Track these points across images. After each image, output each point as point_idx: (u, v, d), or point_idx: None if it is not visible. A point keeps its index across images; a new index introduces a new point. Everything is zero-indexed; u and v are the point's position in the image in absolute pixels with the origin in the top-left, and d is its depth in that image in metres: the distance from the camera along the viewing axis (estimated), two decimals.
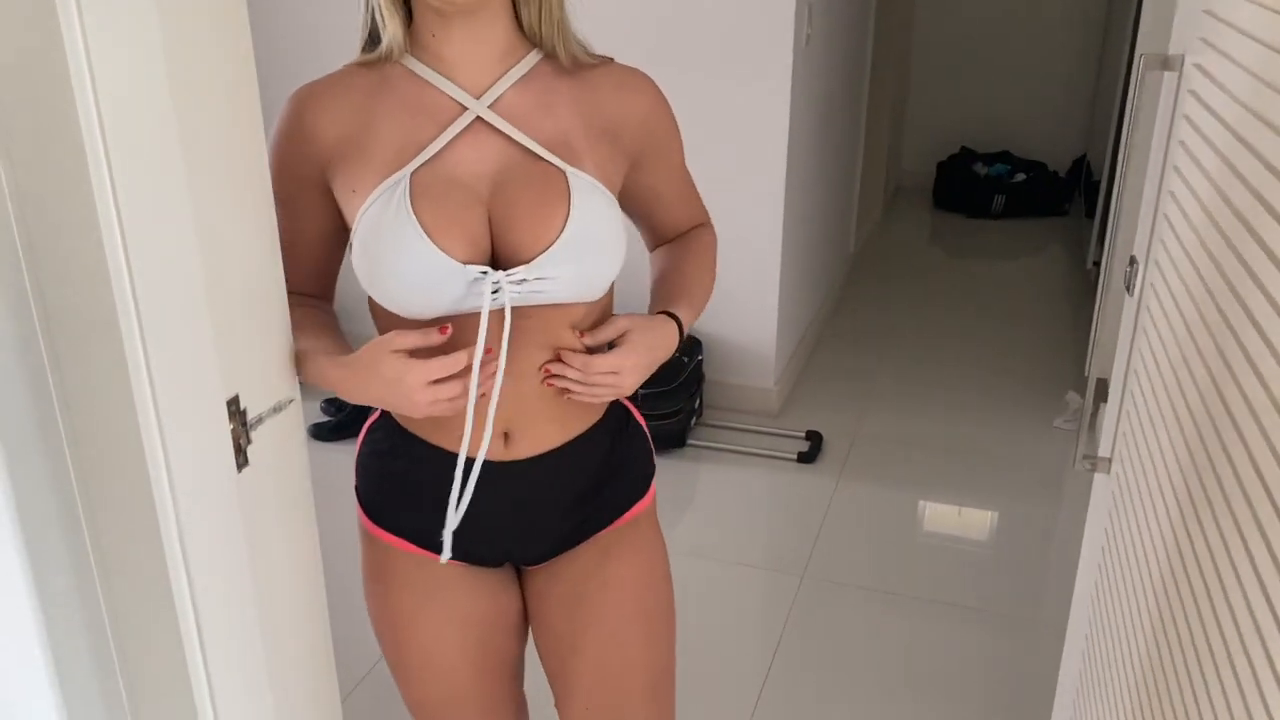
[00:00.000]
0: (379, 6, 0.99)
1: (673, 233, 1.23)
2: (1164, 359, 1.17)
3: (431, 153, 0.99)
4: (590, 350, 1.07)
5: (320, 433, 3.26)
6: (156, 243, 0.92)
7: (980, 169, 5.36)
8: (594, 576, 1.17)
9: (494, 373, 0.97)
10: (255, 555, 1.08)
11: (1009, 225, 5.20)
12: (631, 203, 1.14)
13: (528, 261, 0.97)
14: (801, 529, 2.80)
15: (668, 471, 3.02)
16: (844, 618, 2.46)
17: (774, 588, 2.63)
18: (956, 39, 5.50)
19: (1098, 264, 3.52)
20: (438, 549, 1.06)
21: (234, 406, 1.00)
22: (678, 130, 1.15)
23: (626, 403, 1.22)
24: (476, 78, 1.01)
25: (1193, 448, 0.98)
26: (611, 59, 1.09)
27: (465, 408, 0.98)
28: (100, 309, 0.89)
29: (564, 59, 1.04)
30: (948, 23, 5.46)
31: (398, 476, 1.12)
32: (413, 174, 0.98)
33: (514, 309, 0.99)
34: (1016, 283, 4.53)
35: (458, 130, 0.99)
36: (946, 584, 2.57)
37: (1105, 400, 1.48)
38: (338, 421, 3.28)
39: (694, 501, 2.88)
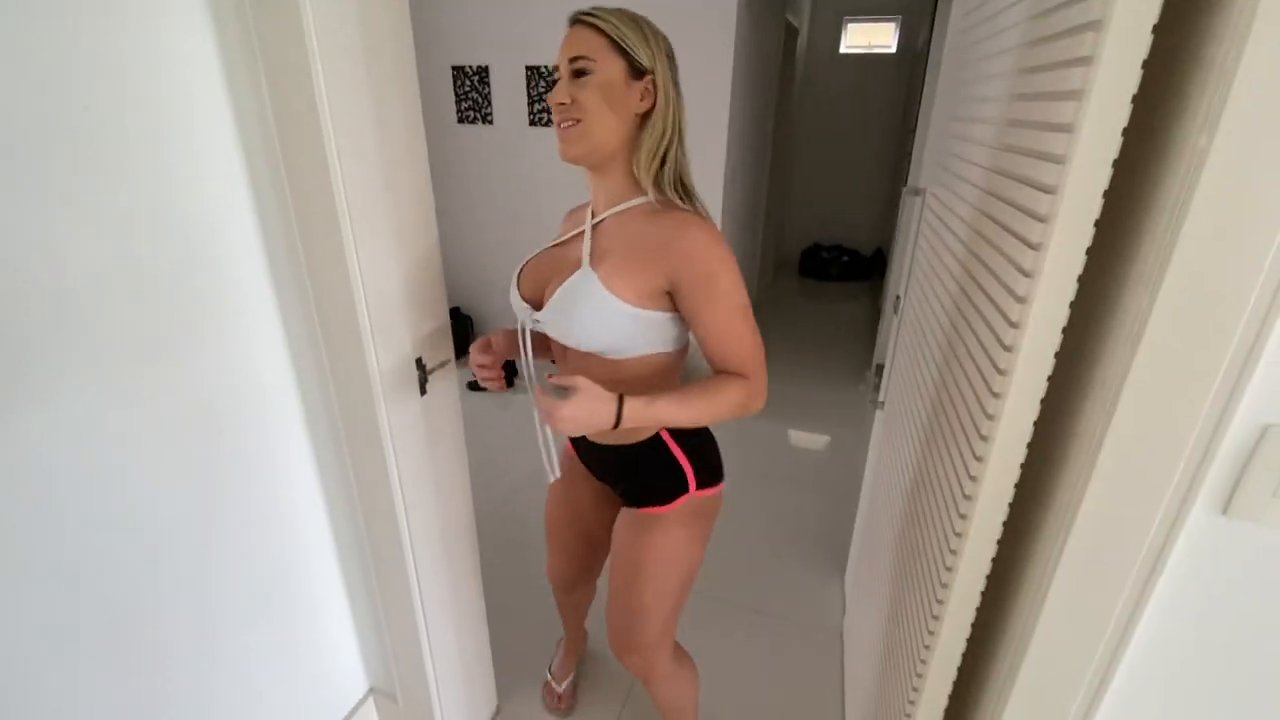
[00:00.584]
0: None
1: (713, 363, 0.88)
2: (910, 351, 1.19)
3: (552, 243, 0.96)
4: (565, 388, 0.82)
5: (474, 387, 3.24)
6: (382, 298, 0.94)
7: (824, 254, 5.41)
8: (629, 535, 1.03)
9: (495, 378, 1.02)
10: (431, 440, 1.13)
11: (839, 284, 5.29)
12: (686, 320, 0.87)
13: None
14: (724, 443, 2.79)
15: None
16: (745, 488, 2.48)
17: None
18: (812, 181, 5.49)
19: (882, 303, 3.54)
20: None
21: (419, 362, 1.01)
22: (713, 275, 0.82)
23: (674, 448, 0.97)
24: (601, 208, 0.91)
25: (923, 397, 1.01)
26: (691, 210, 0.85)
27: (490, 379, 1.00)
28: (351, 327, 0.93)
29: (654, 200, 0.85)
30: (808, 172, 5.45)
31: None
32: (540, 251, 0.97)
33: (566, 349, 0.94)
34: (842, 313, 4.57)
35: (572, 234, 0.93)
36: (801, 471, 2.60)
37: (882, 373, 1.50)
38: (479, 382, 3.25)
39: None
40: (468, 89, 3.24)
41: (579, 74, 0.82)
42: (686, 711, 1.25)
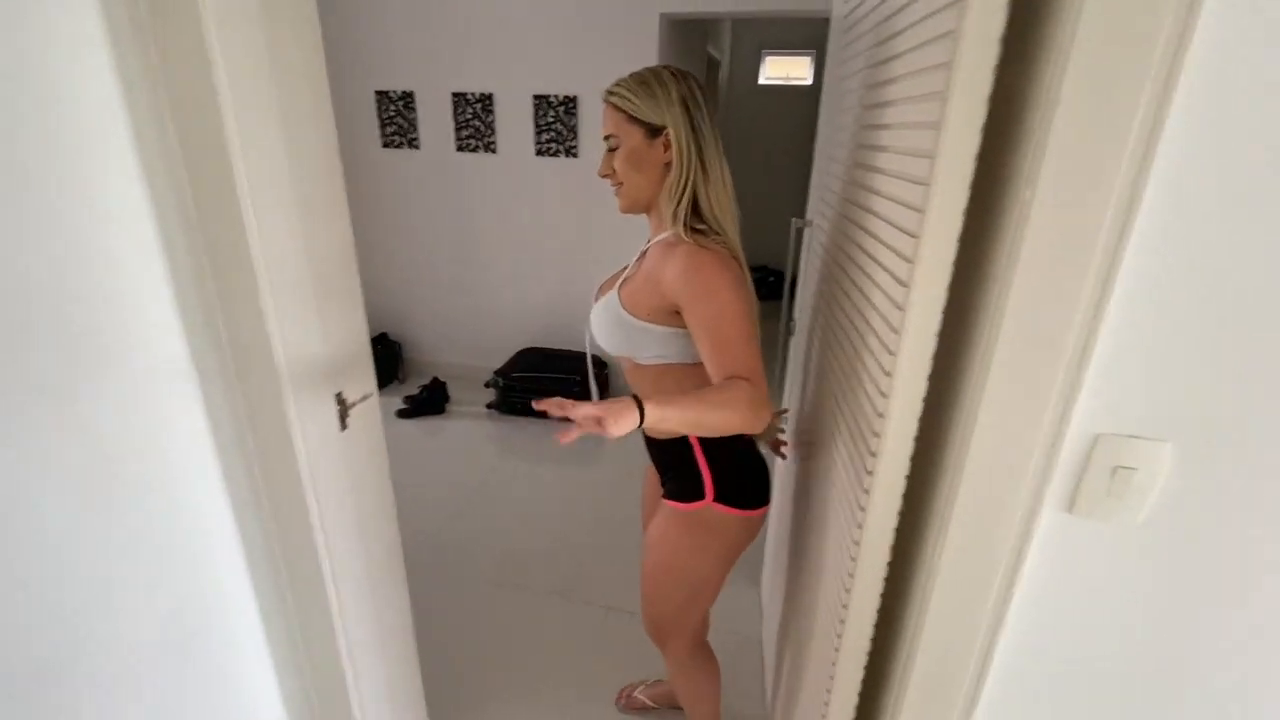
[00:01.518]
0: None
1: (711, 372, 0.93)
2: (798, 360, 1.28)
3: (623, 266, 1.09)
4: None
5: (404, 414, 3.18)
6: (298, 327, 0.93)
7: (751, 274, 5.58)
8: (656, 520, 1.16)
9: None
10: (353, 475, 1.09)
11: (765, 304, 5.43)
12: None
13: None
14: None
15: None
16: None
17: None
18: (739, 205, 5.68)
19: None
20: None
21: (339, 397, 0.99)
22: (700, 296, 0.92)
23: (698, 453, 1.07)
24: (651, 238, 1.06)
25: (815, 412, 1.07)
26: (695, 243, 0.96)
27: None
28: (265, 362, 0.91)
29: (671, 236, 0.99)
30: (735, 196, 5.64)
31: None
32: (618, 270, 1.10)
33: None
34: (767, 330, 4.69)
35: (631, 260, 1.07)
36: None
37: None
38: (410, 409, 3.19)
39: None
40: (393, 114, 3.20)
41: (612, 147, 1.00)
42: (699, 706, 1.33)
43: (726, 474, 1.07)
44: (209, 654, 1.06)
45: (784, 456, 1.35)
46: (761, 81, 5.36)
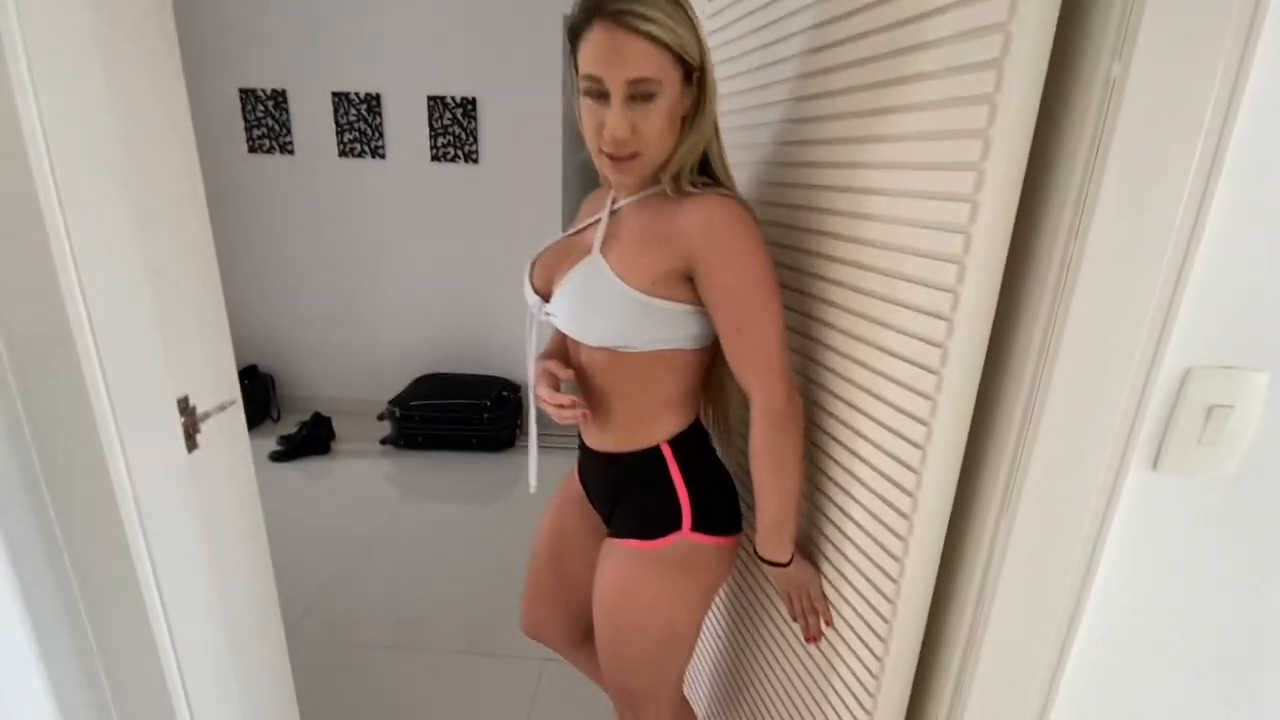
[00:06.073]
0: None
1: (731, 357, 0.76)
2: None
3: (570, 232, 0.87)
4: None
5: (278, 457, 2.74)
6: (107, 272, 0.65)
7: None
8: (604, 569, 0.88)
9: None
10: (207, 515, 0.78)
11: None
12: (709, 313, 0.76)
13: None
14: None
15: (510, 458, 2.79)
16: None
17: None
18: None
19: None
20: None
21: (185, 404, 0.71)
22: (731, 256, 0.70)
23: (673, 469, 0.83)
24: (622, 195, 0.81)
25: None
26: (712, 189, 0.74)
27: (570, 416, 0.83)
28: (55, 327, 0.62)
29: (670, 191, 0.74)
30: None
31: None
32: (557, 240, 0.87)
33: (579, 346, 0.83)
34: None
35: (589, 221, 0.84)
36: None
37: None
38: (287, 450, 2.76)
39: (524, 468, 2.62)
40: (261, 115, 2.82)
41: (638, 97, 0.69)
42: None
43: (705, 492, 0.84)
44: None
45: None
46: None
